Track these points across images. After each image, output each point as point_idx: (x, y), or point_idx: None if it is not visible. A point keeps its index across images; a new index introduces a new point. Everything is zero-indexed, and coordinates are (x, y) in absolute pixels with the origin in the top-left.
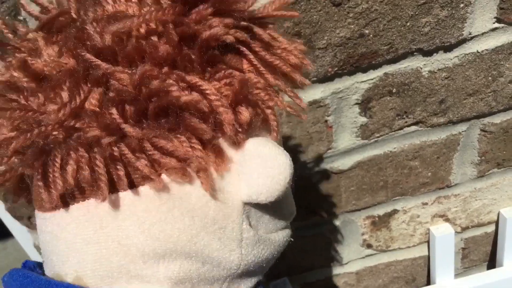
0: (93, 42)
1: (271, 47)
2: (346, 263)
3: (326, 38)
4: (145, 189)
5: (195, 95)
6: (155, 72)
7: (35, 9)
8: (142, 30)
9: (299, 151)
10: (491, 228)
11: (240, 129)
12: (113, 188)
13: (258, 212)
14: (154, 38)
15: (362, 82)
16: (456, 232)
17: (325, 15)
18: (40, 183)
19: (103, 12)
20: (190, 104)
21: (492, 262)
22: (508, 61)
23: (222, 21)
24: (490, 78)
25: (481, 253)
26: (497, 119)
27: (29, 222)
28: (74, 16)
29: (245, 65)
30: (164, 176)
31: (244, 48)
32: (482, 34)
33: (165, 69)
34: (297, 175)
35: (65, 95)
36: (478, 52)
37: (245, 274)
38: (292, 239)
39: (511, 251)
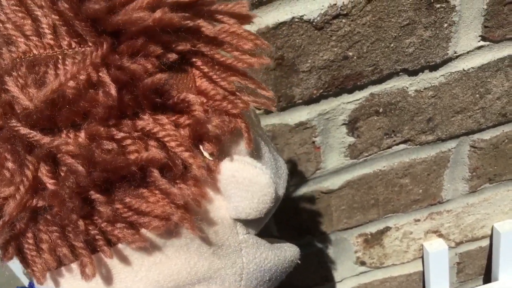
0: (23, 107)
1: (218, 40)
2: (340, 281)
3: (309, 61)
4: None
5: (155, 152)
6: (102, 131)
7: None
8: (73, 87)
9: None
10: (485, 243)
11: (210, 158)
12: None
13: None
14: (91, 92)
15: (348, 102)
16: (450, 247)
17: (307, 39)
18: (24, 265)
19: (18, 53)
20: (152, 161)
21: (487, 276)
22: (495, 78)
23: (159, 43)
24: (477, 95)
25: (477, 267)
26: (487, 135)
27: None
28: None
29: (196, 72)
30: (145, 232)
31: (191, 57)
32: (468, 52)
33: (112, 121)
34: (287, 196)
35: (11, 167)
36: (464, 70)
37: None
38: (299, 261)
39: (506, 265)
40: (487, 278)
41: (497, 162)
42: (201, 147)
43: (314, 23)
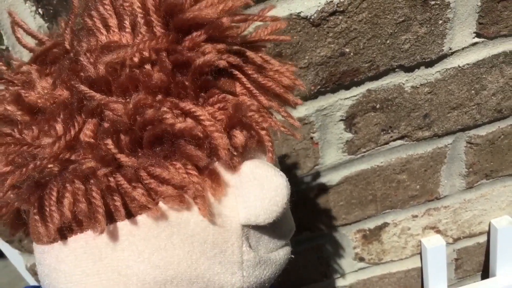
0: (87, 73)
1: (263, 70)
2: (339, 277)
3: (307, 57)
4: (143, 218)
5: (189, 122)
6: (149, 101)
7: (31, 42)
8: (136, 59)
9: (286, 168)
10: (483, 239)
11: (235, 153)
12: (111, 218)
13: (258, 233)
14: (148, 67)
15: (345, 99)
16: (448, 243)
17: (305, 36)
18: (37, 217)
19: (96, 42)
20: (184, 131)
21: (485, 272)
22: (490, 74)
23: (215, 47)
24: (473, 91)
25: (475, 263)
26: (483, 131)
27: (20, 245)
28: (67, 47)
29: (238, 88)
30: (161, 204)
31: (237, 72)
32: (463, 49)
33: (159, 97)
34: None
35: (59, 127)
36: (459, 66)
37: None
38: (292, 256)
39: (503, 261)
40: (485, 274)
41: (494, 158)
42: (233, 130)
43: (311, 20)
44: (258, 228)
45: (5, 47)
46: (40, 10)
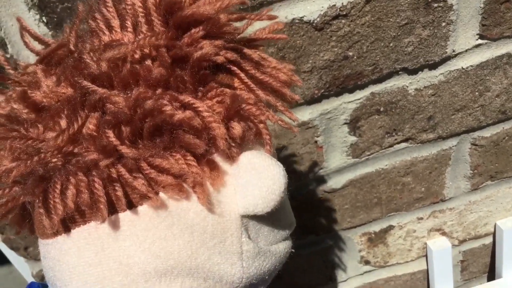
0: (90, 70)
1: (261, 66)
2: (344, 280)
3: (310, 61)
4: (143, 208)
5: (187, 113)
6: (149, 94)
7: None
8: (137, 56)
9: (290, 172)
10: (488, 240)
11: (233, 144)
12: (113, 209)
13: (257, 224)
14: (148, 62)
15: (349, 102)
16: (453, 245)
17: (308, 40)
18: (41, 210)
19: (100, 42)
20: (183, 122)
21: (492, 273)
22: (494, 76)
23: (213, 43)
24: (477, 93)
25: (481, 265)
26: (487, 132)
27: (26, 253)
28: (72, 48)
29: (236, 83)
30: (161, 194)
31: (235, 68)
32: (466, 51)
33: (159, 90)
34: (290, 194)
35: (63, 122)
36: (463, 68)
37: (248, 287)
38: (293, 250)
39: (509, 262)
40: (491, 276)
41: (498, 160)
42: (231, 122)
43: (314, 24)
44: (257, 218)
45: (10, 55)
46: (44, 18)
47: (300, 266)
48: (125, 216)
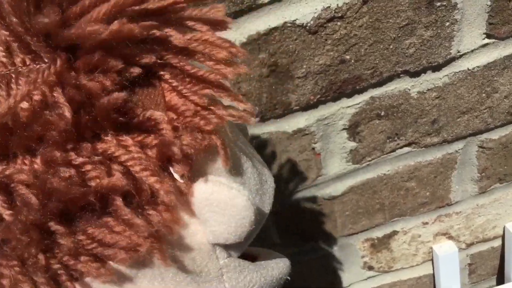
0: None
1: (189, 50)
2: (347, 286)
3: (305, 66)
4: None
5: (116, 179)
6: (58, 156)
7: None
8: (26, 109)
9: (287, 180)
10: (497, 243)
11: (181, 180)
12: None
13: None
14: (45, 113)
15: (347, 107)
16: (461, 248)
17: (301, 44)
18: None
19: None
20: (114, 189)
21: (501, 275)
22: (502, 76)
23: (120, 57)
24: (484, 94)
25: (489, 268)
26: (495, 135)
27: None
28: None
29: (165, 85)
30: (114, 265)
31: (159, 70)
32: (472, 51)
33: (70, 145)
34: (288, 203)
35: None
36: (469, 69)
37: None
38: (289, 278)
39: None
40: (501, 278)
41: (507, 162)
42: (171, 168)
43: (307, 27)
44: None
45: None
46: None
47: (301, 273)
48: (82, 286)
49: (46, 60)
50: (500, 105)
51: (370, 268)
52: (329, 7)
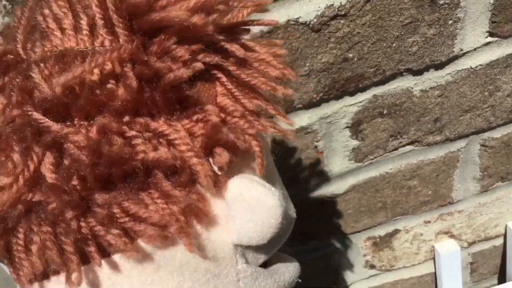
0: (42, 95)
1: (246, 63)
2: (349, 285)
3: (308, 64)
4: (123, 258)
5: (162, 152)
6: (114, 125)
7: None
8: (95, 76)
9: (290, 178)
10: (499, 241)
11: (219, 172)
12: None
13: (255, 247)
14: (111, 84)
15: (350, 105)
16: (462, 247)
17: (304, 42)
18: (10, 268)
19: (51, 47)
20: (158, 162)
21: (502, 274)
22: (505, 74)
23: (188, 49)
24: (486, 93)
25: (491, 266)
26: (497, 133)
27: None
28: (20, 52)
29: (219, 88)
30: (141, 243)
31: (216, 71)
32: (475, 49)
33: (126, 118)
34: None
35: (17, 158)
36: (471, 68)
37: None
38: (299, 280)
39: None
40: (502, 277)
41: (509, 161)
42: (211, 160)
43: (310, 25)
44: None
45: None
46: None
47: (303, 272)
48: (103, 266)
49: (121, 44)
50: (502, 103)
51: (372, 266)
52: (332, 5)
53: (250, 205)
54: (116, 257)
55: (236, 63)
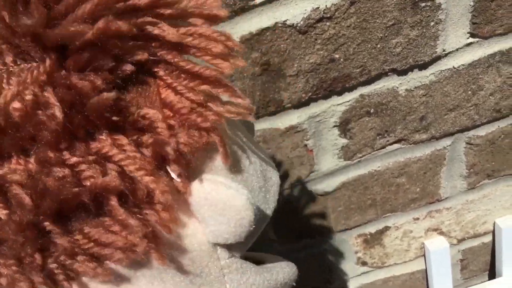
0: None
1: (184, 45)
2: (341, 282)
3: (296, 65)
4: (93, 282)
5: (112, 177)
6: (53, 157)
7: None
8: (18, 108)
9: (281, 177)
10: (488, 238)
11: (178, 179)
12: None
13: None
14: (36, 114)
15: (338, 104)
16: (452, 244)
17: (292, 43)
18: None
19: None
20: (108, 189)
21: (492, 271)
22: (487, 74)
23: (109, 54)
24: (470, 92)
25: (481, 263)
26: (482, 131)
27: None
28: None
29: (162, 84)
30: (111, 265)
31: (153, 67)
32: (457, 50)
33: (64, 145)
34: (283, 199)
35: None
36: (454, 67)
37: None
38: (294, 284)
39: (509, 260)
40: (492, 273)
41: (495, 158)
42: (168, 167)
43: (297, 28)
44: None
45: None
46: None
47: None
48: (79, 285)
49: (37, 60)
50: (485, 102)
51: (364, 263)
52: (318, 8)
53: (218, 209)
54: (87, 279)
55: (172, 49)
